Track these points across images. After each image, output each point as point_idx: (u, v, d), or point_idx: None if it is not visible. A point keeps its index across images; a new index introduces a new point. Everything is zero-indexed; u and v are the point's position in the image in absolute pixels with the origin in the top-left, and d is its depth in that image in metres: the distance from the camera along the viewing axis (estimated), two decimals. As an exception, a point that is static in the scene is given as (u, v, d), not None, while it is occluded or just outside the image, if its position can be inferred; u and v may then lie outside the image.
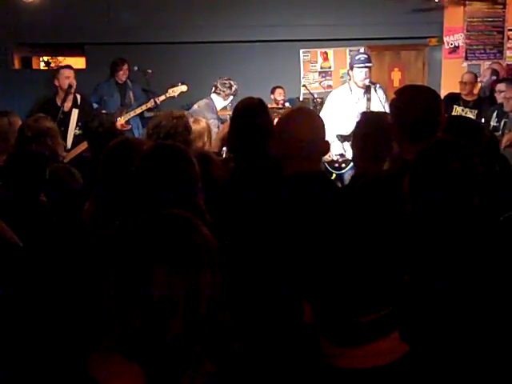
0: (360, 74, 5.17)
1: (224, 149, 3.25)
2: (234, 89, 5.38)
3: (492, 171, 2.92)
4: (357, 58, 5.25)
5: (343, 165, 5.14)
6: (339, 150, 5.14)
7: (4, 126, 3.79)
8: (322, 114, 5.21)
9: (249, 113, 3.01)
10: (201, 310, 1.16)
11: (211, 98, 5.38)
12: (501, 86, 5.87)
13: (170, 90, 6.36)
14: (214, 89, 5.42)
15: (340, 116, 5.16)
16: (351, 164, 5.01)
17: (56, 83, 5.63)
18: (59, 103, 5.55)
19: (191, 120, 4.31)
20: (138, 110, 6.33)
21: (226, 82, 5.40)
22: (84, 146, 4.86)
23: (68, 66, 5.88)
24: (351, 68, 5.29)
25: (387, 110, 4.82)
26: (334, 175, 5.13)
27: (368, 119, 3.18)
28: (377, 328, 1.13)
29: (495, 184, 2.63)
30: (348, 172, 5.08)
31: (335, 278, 1.12)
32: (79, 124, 5.44)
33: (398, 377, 1.12)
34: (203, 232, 1.24)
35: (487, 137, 3.53)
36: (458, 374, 1.18)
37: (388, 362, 1.13)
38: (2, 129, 3.79)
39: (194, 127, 4.09)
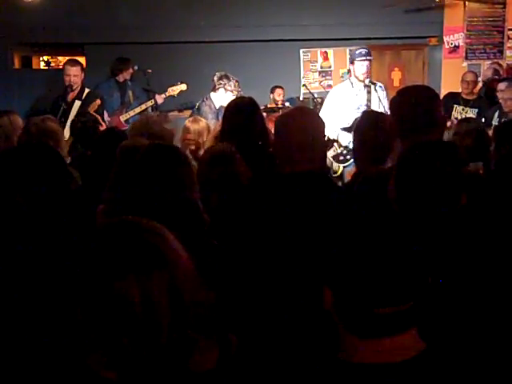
0: (361, 68, 5.27)
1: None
2: (232, 81, 5.29)
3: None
4: (358, 52, 5.37)
5: (348, 156, 5.16)
6: (344, 142, 5.17)
7: (5, 125, 3.78)
8: (323, 109, 5.37)
9: (239, 112, 3.02)
10: (185, 299, 1.16)
11: (210, 97, 5.31)
12: (501, 85, 5.87)
13: (170, 89, 6.39)
14: (212, 87, 5.36)
15: (341, 109, 5.25)
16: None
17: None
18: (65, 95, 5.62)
19: (190, 120, 4.31)
20: (138, 110, 6.34)
21: (223, 74, 5.34)
22: None
23: (71, 62, 5.83)
24: (352, 62, 5.40)
25: (387, 110, 4.87)
26: (341, 169, 5.15)
27: (368, 119, 3.18)
28: (395, 322, 1.13)
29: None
30: (353, 164, 5.09)
31: (358, 265, 1.12)
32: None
33: (413, 374, 1.11)
34: (163, 235, 1.22)
35: (475, 130, 3.54)
36: (472, 374, 1.17)
37: (403, 358, 1.12)
38: (2, 128, 3.78)
39: (194, 127, 4.09)
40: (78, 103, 5.59)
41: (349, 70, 5.51)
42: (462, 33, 8.68)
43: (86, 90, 5.73)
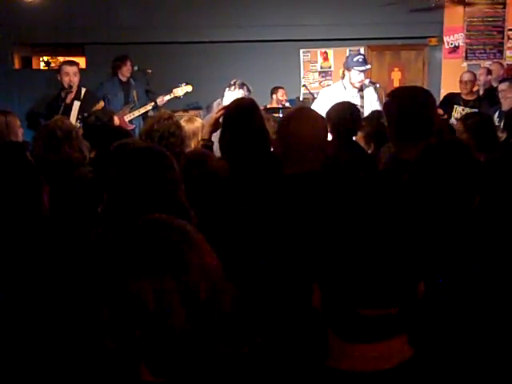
0: (358, 76, 5.21)
1: (214, 135, 3.25)
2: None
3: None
4: (355, 59, 5.26)
5: None
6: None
7: (1, 125, 3.77)
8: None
9: (239, 114, 3.02)
10: (201, 297, 1.16)
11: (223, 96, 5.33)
12: (503, 86, 5.87)
13: (175, 90, 6.36)
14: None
15: None
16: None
17: (59, 78, 5.65)
18: (63, 96, 5.58)
19: (185, 119, 4.30)
20: (142, 110, 6.31)
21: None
22: None
23: (69, 62, 5.82)
24: (348, 69, 5.30)
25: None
26: None
27: (367, 119, 3.18)
28: (381, 327, 1.11)
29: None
30: None
31: (344, 263, 1.10)
32: (79, 117, 5.45)
33: (399, 382, 1.09)
34: (185, 233, 1.23)
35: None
36: (461, 380, 1.16)
37: (390, 366, 1.10)
38: (-1, 128, 3.77)
39: (188, 126, 4.07)
40: (77, 104, 5.57)
41: (343, 73, 5.43)
42: (461, 33, 8.68)
43: (83, 90, 5.71)
